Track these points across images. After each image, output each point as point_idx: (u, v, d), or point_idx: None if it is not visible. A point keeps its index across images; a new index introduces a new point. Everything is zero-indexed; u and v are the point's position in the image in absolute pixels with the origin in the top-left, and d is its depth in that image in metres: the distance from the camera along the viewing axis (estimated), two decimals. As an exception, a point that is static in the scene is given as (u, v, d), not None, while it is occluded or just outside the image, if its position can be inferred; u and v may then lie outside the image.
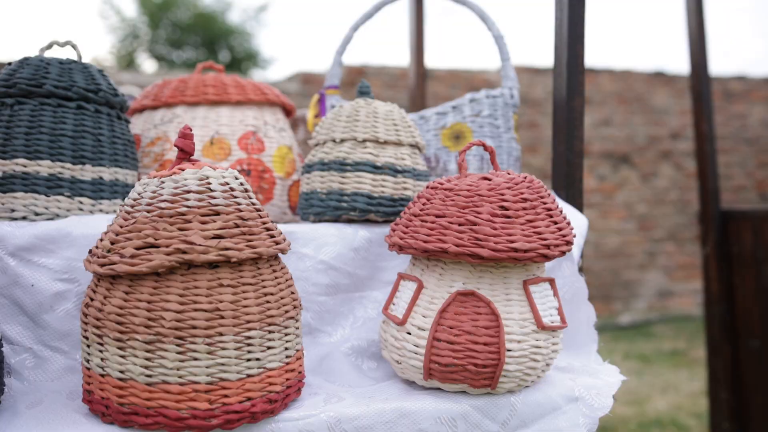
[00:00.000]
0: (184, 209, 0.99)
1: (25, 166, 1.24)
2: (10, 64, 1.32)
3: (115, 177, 1.33)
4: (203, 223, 0.99)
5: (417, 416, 1.09)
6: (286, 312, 1.06)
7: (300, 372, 1.10)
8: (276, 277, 1.06)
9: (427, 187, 1.19)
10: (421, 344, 1.11)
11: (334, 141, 1.37)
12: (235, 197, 1.03)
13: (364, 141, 1.35)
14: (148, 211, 1.00)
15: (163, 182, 1.02)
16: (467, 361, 1.09)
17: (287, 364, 1.06)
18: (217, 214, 1.00)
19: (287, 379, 1.06)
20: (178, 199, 1.00)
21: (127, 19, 13.38)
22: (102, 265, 0.99)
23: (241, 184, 1.07)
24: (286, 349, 1.06)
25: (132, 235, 0.99)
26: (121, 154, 1.35)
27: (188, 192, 1.00)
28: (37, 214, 1.25)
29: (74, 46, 1.38)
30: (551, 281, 1.17)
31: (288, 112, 1.73)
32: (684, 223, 6.85)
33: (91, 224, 1.23)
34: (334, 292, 1.32)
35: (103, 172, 1.31)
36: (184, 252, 0.96)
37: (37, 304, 1.17)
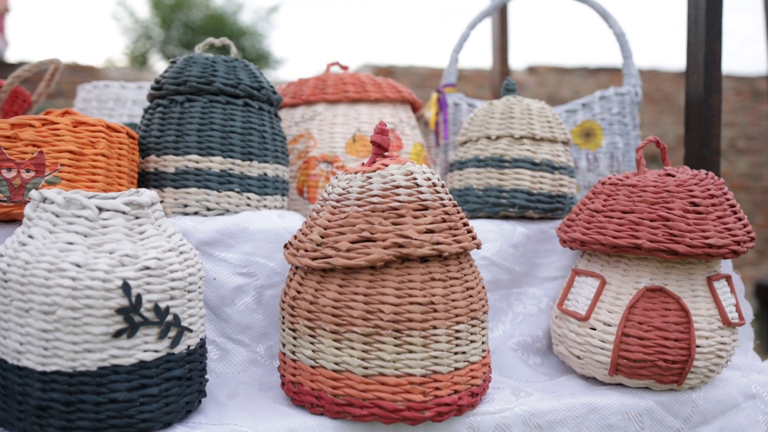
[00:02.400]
0: (397, 204, 1.00)
1: (197, 162, 1.26)
2: (174, 62, 1.34)
3: (276, 173, 1.34)
4: (415, 217, 1.00)
5: (605, 411, 1.10)
6: (483, 306, 1.07)
7: (490, 366, 1.11)
8: (473, 272, 1.07)
9: (603, 184, 1.20)
10: (608, 340, 1.12)
11: (488, 138, 1.38)
12: (438, 192, 1.05)
13: (521, 138, 1.36)
14: (359, 206, 1.01)
15: (369, 177, 1.03)
16: (657, 357, 1.09)
17: (483, 358, 1.07)
18: (426, 209, 1.02)
19: (484, 373, 1.07)
20: (388, 194, 1.01)
21: (140, 21, 13.44)
22: (314, 259, 1.01)
23: (438, 179, 1.08)
24: (483, 343, 1.07)
25: (345, 229, 1.00)
26: (280, 150, 1.36)
27: (398, 187, 1.02)
28: (208, 209, 1.27)
29: (229, 45, 1.40)
30: (728, 278, 1.18)
31: (415, 110, 1.74)
32: (717, 223, 6.78)
33: (264, 219, 1.24)
34: (494, 287, 1.33)
35: (267, 169, 1.32)
36: (401, 246, 0.97)
37: (219, 298, 1.19)
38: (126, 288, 0.88)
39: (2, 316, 0.90)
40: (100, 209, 0.92)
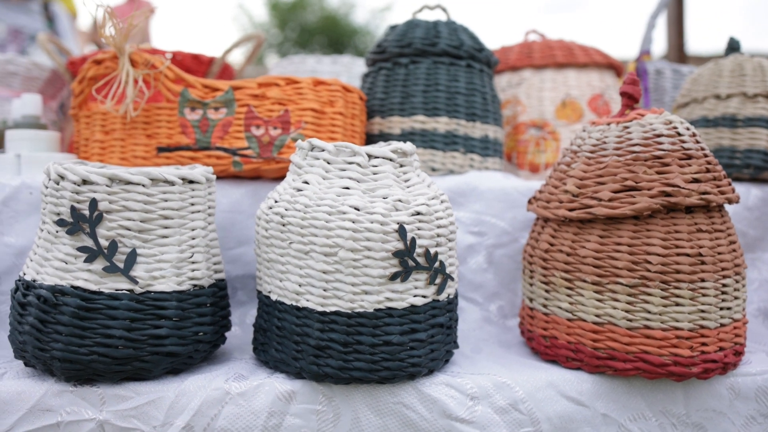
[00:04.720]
0: (660, 152, 0.97)
1: (423, 123, 1.27)
2: (394, 27, 1.35)
3: (496, 135, 1.34)
4: (681, 166, 0.96)
5: None
6: (743, 262, 1.02)
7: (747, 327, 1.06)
8: (732, 225, 1.02)
9: None
10: None
11: (717, 97, 1.32)
12: (699, 142, 1.00)
13: (755, 96, 1.28)
14: (619, 155, 0.98)
15: (627, 127, 1.00)
16: None
17: (744, 316, 1.02)
18: (690, 158, 0.98)
19: (745, 332, 1.02)
20: (650, 142, 0.98)
21: (258, 23, 13.90)
22: (572, 210, 0.99)
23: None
24: (744, 300, 1.02)
25: (605, 179, 0.98)
26: (498, 113, 1.35)
27: (659, 136, 0.98)
28: (434, 169, 1.27)
29: (444, 9, 1.40)
30: None
31: (617, 76, 1.69)
32: None
33: (492, 179, 1.24)
34: (728, 252, 1.26)
35: (489, 130, 1.32)
36: (668, 195, 0.94)
37: (451, 256, 1.19)
38: (402, 231, 0.89)
39: (280, 260, 0.93)
40: (370, 156, 0.94)
